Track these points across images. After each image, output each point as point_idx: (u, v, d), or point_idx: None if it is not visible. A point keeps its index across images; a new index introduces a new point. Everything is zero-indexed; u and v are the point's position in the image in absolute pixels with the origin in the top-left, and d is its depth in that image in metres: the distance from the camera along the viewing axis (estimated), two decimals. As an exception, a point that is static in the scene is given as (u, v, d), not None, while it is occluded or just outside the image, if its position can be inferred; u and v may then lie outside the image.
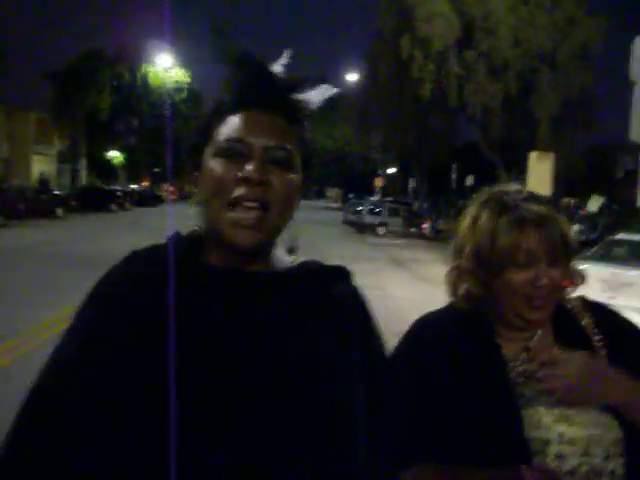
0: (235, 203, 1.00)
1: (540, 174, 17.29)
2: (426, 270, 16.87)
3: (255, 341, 1.00)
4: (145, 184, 63.44)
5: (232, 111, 1.07)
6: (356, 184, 61.67)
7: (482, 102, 26.00)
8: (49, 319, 8.36)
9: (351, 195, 62.63)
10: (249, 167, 1.00)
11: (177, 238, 1.11)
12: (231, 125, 1.05)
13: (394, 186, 51.52)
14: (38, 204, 30.63)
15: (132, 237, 18.23)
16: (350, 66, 44.15)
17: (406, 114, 31.79)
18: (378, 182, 44.81)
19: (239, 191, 1.00)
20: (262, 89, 1.08)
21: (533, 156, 18.20)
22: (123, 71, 53.12)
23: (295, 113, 1.10)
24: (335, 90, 1.17)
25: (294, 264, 1.15)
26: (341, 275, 1.17)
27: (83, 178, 52.45)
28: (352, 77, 42.60)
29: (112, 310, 1.01)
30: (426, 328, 1.52)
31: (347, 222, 35.03)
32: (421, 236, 30.07)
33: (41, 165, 49.17)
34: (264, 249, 1.08)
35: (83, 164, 52.57)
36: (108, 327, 0.99)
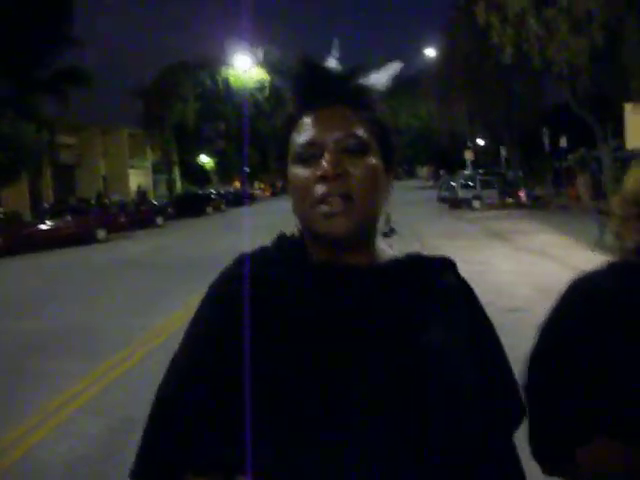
0: (321, 201, 1.03)
1: (637, 126, 16.48)
2: (528, 240, 16.46)
3: (366, 334, 1.03)
4: (237, 184, 64.76)
5: (299, 116, 1.10)
6: (447, 160, 60.60)
7: (568, 59, 24.99)
8: (160, 325, 8.69)
9: (442, 171, 61.77)
10: (323, 163, 1.03)
11: (282, 238, 1.17)
12: (301, 130, 1.08)
13: (485, 157, 50.37)
14: (138, 216, 31.85)
15: (230, 238, 18.71)
16: (428, 41, 43.44)
17: (489, 82, 31.01)
18: (468, 155, 43.80)
19: (320, 189, 1.03)
20: (318, 86, 1.10)
21: (628, 108, 17.38)
22: (205, 78, 54.23)
23: (358, 99, 1.11)
24: (399, 65, 1.17)
25: (398, 256, 1.16)
26: (446, 265, 1.18)
27: (178, 186, 54.00)
28: (430, 52, 41.92)
29: (229, 311, 1.05)
30: (589, 291, 1.40)
31: (441, 199, 34.59)
32: (519, 205, 29.37)
33: (137, 178, 51.03)
34: (361, 239, 1.09)
35: (177, 172, 54.09)
36: (227, 328, 1.04)
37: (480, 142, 51.45)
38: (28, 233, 23.95)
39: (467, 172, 39.61)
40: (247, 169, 61.25)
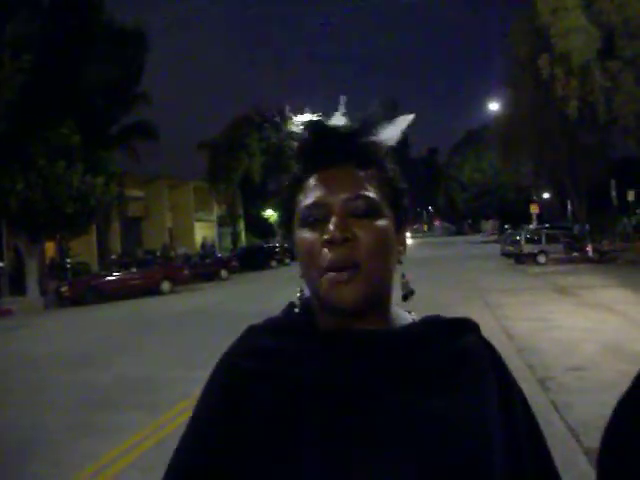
0: (327, 268, 0.97)
1: None
2: (594, 296, 15.99)
3: (378, 404, 0.96)
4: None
5: (304, 178, 1.06)
6: (511, 214, 59.94)
7: (634, 111, 24.62)
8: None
9: (507, 225, 60.96)
10: (330, 227, 0.97)
11: (291, 307, 1.12)
12: (307, 192, 1.04)
13: (551, 211, 49.61)
14: (203, 268, 32.35)
15: (291, 292, 18.73)
16: (492, 95, 43.42)
17: (554, 135, 30.74)
18: (534, 209, 43.23)
19: (327, 256, 0.97)
20: (323, 145, 1.05)
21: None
22: (270, 133, 55.36)
23: (367, 157, 1.05)
24: (411, 116, 1.11)
25: (415, 320, 1.10)
26: (467, 328, 1.11)
27: (243, 239, 54.74)
28: (494, 107, 41.86)
29: (234, 390, 1.01)
30: None
31: (505, 254, 34.04)
32: (585, 260, 28.66)
33: (202, 231, 52.00)
34: (373, 306, 1.02)
35: (241, 226, 54.94)
36: (231, 409, 0.99)
37: (545, 196, 50.77)
38: (95, 284, 24.55)
39: (532, 226, 39.00)
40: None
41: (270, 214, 59.10)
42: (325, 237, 0.98)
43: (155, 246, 41.23)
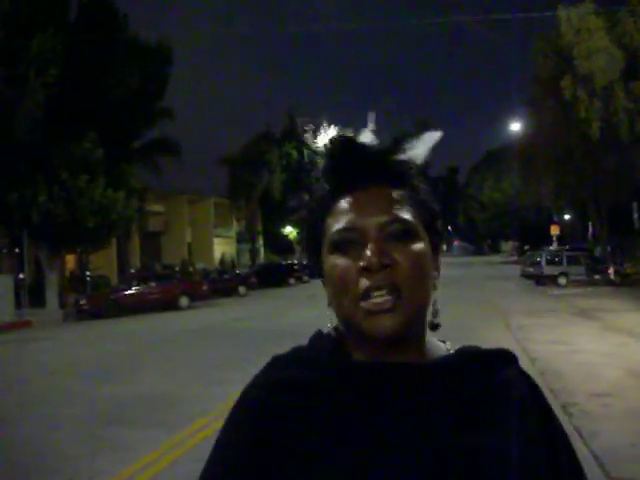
0: (364, 296, 0.91)
1: None
2: (616, 319, 15.80)
3: (413, 439, 0.90)
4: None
5: (334, 200, 0.99)
6: (532, 235, 59.58)
7: (658, 133, 24.43)
8: (235, 396, 8.62)
9: (527, 247, 60.57)
10: (367, 253, 0.91)
11: (318, 337, 1.06)
12: (337, 215, 0.97)
13: (572, 233, 49.23)
14: (221, 284, 32.39)
15: (309, 310, 18.65)
16: (513, 115, 43.34)
17: (576, 156, 30.57)
18: (554, 230, 42.98)
19: (364, 282, 0.91)
20: (354, 165, 0.98)
21: None
22: (290, 150, 55.58)
23: (400, 176, 0.99)
24: (438, 134, 1.05)
25: (450, 352, 1.04)
26: (505, 360, 1.04)
27: (262, 255, 54.81)
28: (515, 127, 41.76)
29: (261, 421, 0.95)
30: None
31: (525, 275, 33.78)
32: (607, 283, 28.37)
33: (221, 247, 52.17)
34: (411, 336, 0.96)
35: (260, 242, 55.03)
36: (253, 446, 0.94)
37: (566, 217, 50.42)
38: (114, 298, 24.65)
39: (553, 247, 38.69)
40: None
41: (289, 231, 59.19)
42: (362, 264, 0.91)
43: (174, 261, 41.41)
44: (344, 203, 0.97)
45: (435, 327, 1.04)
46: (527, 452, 0.93)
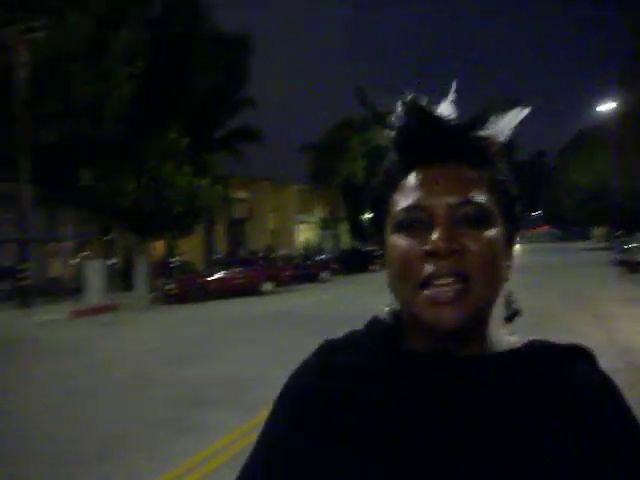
0: (427, 283, 0.83)
1: None
2: None
3: (468, 437, 0.83)
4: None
5: (403, 175, 0.91)
6: (624, 220, 57.35)
7: None
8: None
9: (619, 232, 58.36)
10: (434, 236, 0.83)
11: (375, 321, 1.01)
12: (405, 191, 0.89)
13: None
14: (304, 270, 32.69)
15: (387, 296, 18.59)
16: (605, 94, 41.73)
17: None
18: (648, 215, 41.29)
19: (429, 268, 0.83)
20: (428, 138, 0.89)
21: None
22: (373, 135, 55.33)
23: (480, 154, 0.90)
24: (527, 110, 0.94)
25: (517, 345, 0.94)
26: (579, 356, 0.94)
27: (344, 242, 54.95)
28: (608, 106, 40.19)
29: (304, 406, 0.92)
30: None
31: (616, 262, 32.59)
32: None
33: (304, 233, 52.55)
34: (475, 328, 0.89)
35: (343, 228, 55.17)
36: (299, 431, 0.90)
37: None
38: (200, 282, 25.22)
39: (647, 233, 37.17)
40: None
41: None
42: (426, 247, 0.84)
43: (258, 247, 42.01)
44: (413, 179, 0.89)
45: (509, 320, 0.97)
46: (603, 464, 0.84)
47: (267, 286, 26.67)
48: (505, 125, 0.93)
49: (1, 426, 7.53)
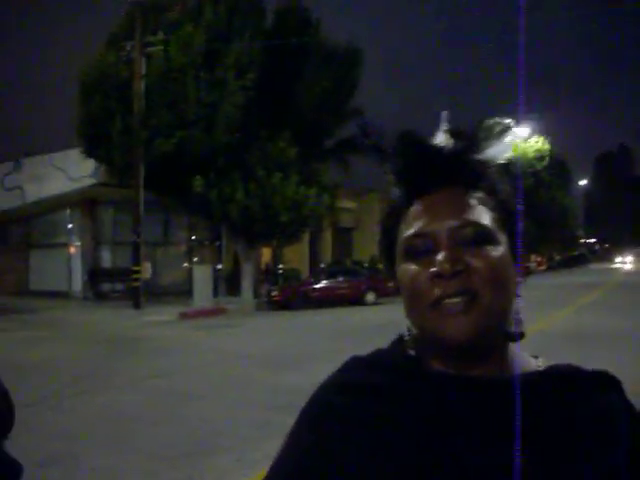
0: (437, 304, 0.88)
1: None
2: None
3: (483, 463, 0.84)
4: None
5: (406, 205, 0.96)
6: None
7: None
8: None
9: None
10: (439, 259, 0.87)
11: (399, 340, 1.04)
12: (409, 220, 0.94)
13: None
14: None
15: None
16: None
17: None
18: None
19: (437, 290, 0.87)
20: (425, 169, 0.94)
21: None
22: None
23: (476, 177, 0.94)
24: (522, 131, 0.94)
25: (540, 368, 0.96)
26: (606, 383, 0.95)
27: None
28: None
29: (324, 423, 0.95)
30: None
31: None
32: None
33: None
34: (489, 346, 0.91)
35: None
36: (321, 449, 0.92)
37: None
38: (304, 290, 25.53)
39: None
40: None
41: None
42: (432, 270, 0.88)
43: (364, 257, 42.02)
44: (416, 208, 0.94)
45: (515, 338, 0.95)
46: None
47: (370, 297, 26.64)
48: (501, 147, 0.96)
49: (101, 415, 7.92)
